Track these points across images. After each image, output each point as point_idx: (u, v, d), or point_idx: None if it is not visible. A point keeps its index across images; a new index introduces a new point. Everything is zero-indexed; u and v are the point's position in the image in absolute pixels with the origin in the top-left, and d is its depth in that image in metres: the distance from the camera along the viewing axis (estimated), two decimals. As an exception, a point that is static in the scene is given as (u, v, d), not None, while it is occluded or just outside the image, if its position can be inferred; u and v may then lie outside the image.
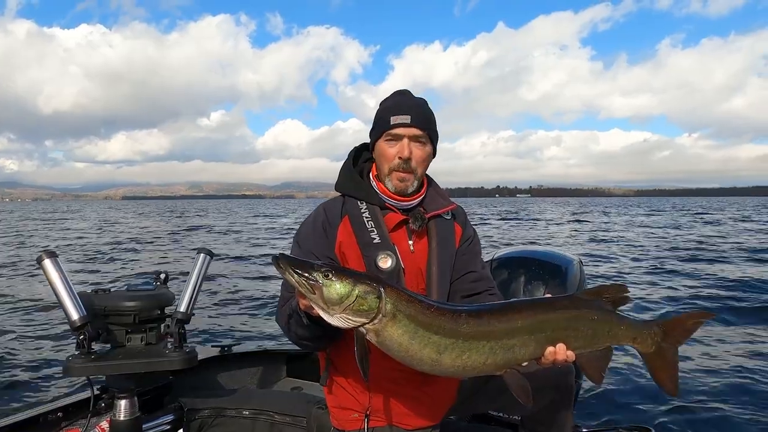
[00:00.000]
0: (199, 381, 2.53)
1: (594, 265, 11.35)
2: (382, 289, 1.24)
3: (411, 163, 1.58)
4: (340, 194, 1.69)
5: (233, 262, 12.38)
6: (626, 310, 1.41)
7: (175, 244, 17.72)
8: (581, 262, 2.68)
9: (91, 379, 1.80)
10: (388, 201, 1.63)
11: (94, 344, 1.75)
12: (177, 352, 1.79)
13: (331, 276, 1.21)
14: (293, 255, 1.59)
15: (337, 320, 1.23)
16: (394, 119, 1.58)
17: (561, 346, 1.29)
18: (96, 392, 1.84)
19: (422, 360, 1.27)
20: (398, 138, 1.58)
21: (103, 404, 1.89)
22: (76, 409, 2.05)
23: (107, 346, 1.85)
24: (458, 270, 1.65)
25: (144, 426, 1.88)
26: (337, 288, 1.21)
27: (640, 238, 18.89)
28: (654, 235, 19.82)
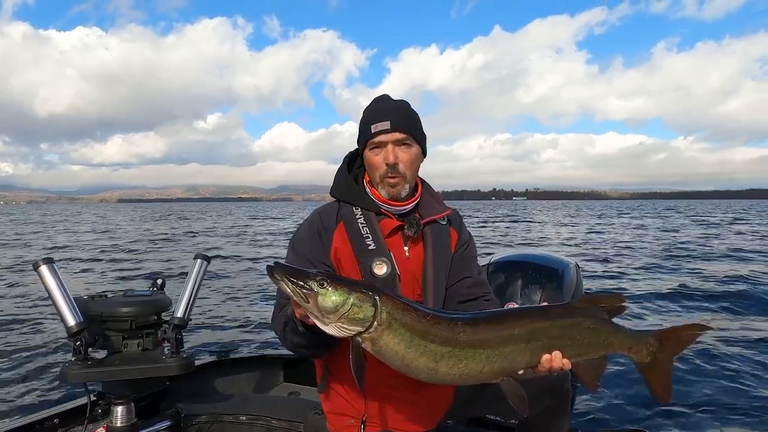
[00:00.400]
0: (196, 387, 2.53)
1: (590, 269, 11.37)
2: (378, 298, 1.23)
3: (399, 167, 1.58)
4: (335, 199, 1.69)
5: (231, 267, 12.35)
6: (620, 316, 1.42)
7: (172, 249, 17.66)
8: (578, 265, 2.69)
9: (88, 385, 1.80)
10: (383, 206, 1.63)
11: (90, 350, 1.75)
12: (174, 358, 1.79)
13: (326, 285, 1.20)
14: (288, 260, 1.59)
15: (332, 329, 1.23)
16: (374, 127, 1.57)
17: (557, 354, 1.30)
18: (93, 398, 1.84)
19: (419, 369, 1.27)
20: (382, 145, 1.58)
21: (99, 410, 1.89)
22: (73, 415, 2.04)
23: (104, 352, 1.84)
24: (454, 276, 1.65)
25: (140, 432, 1.87)
26: (332, 297, 1.20)
27: (635, 240, 18.94)
28: (648, 238, 19.88)
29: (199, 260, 1.99)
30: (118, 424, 1.78)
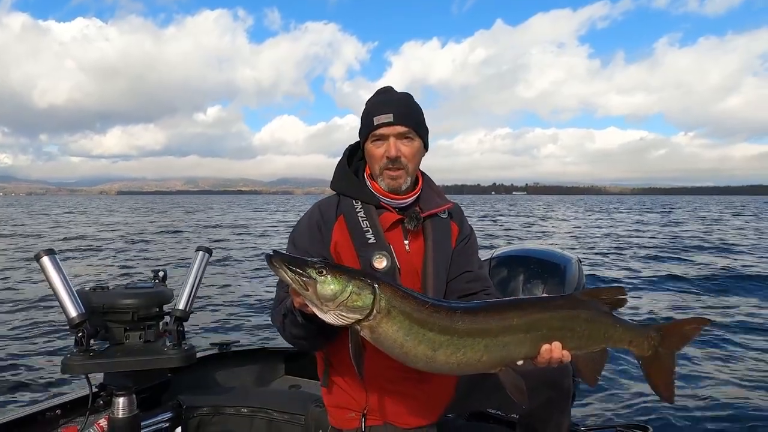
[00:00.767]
0: (197, 379, 2.54)
1: (592, 264, 11.37)
2: (377, 286, 1.23)
3: (400, 160, 1.57)
4: (335, 192, 1.69)
5: (232, 260, 12.38)
6: (622, 310, 1.41)
7: (173, 241, 17.70)
8: (580, 260, 2.69)
9: (90, 376, 1.80)
10: (383, 200, 1.62)
11: (92, 342, 1.75)
12: (175, 350, 1.79)
13: (324, 272, 1.20)
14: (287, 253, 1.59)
15: (331, 317, 1.22)
16: (377, 119, 1.57)
17: (556, 345, 1.29)
18: (94, 390, 1.84)
19: (417, 357, 1.27)
20: (384, 138, 1.57)
21: (101, 402, 1.90)
22: (75, 406, 2.05)
23: (106, 344, 1.85)
24: (454, 270, 1.65)
25: (142, 423, 1.88)
26: (330, 284, 1.20)
27: (635, 235, 18.92)
28: (650, 233, 19.86)
29: (201, 252, 1.99)
30: (120, 416, 1.79)
